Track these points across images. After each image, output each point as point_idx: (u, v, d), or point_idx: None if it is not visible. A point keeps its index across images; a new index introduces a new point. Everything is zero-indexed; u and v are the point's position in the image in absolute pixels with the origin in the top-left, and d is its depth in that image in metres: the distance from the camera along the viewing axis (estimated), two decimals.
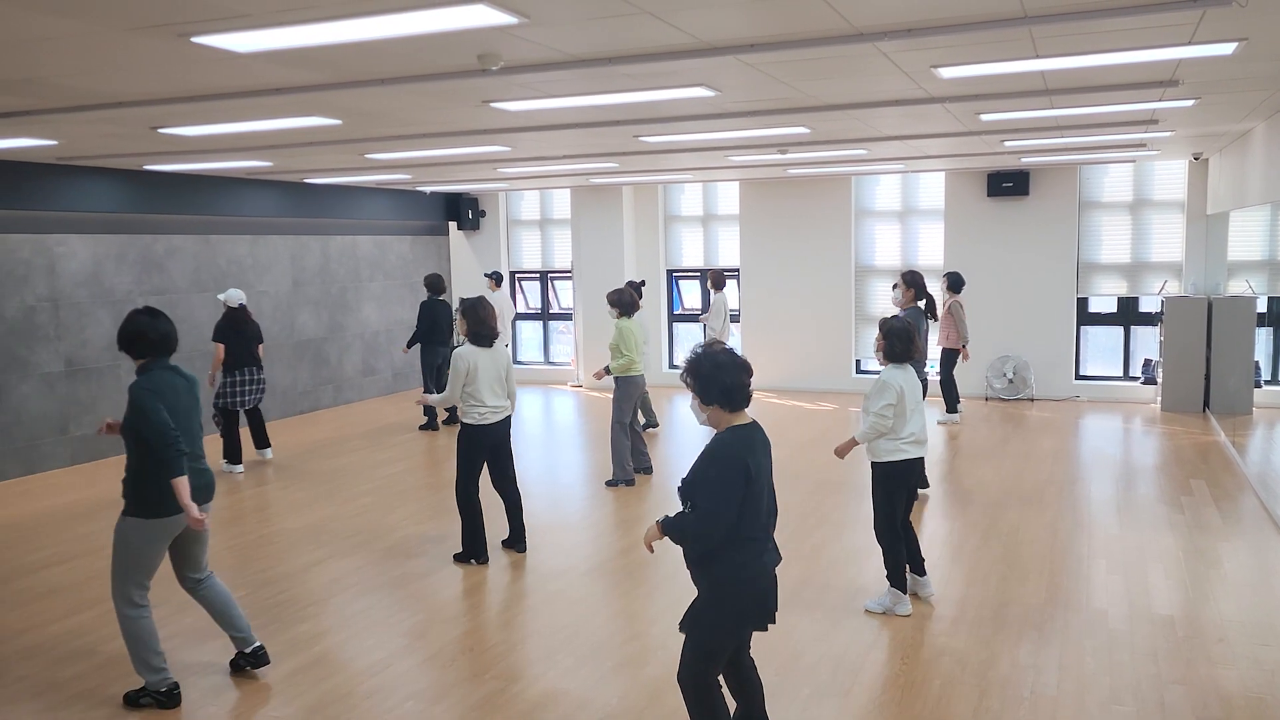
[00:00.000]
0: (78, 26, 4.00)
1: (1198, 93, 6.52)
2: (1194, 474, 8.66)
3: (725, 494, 3.44)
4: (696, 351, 3.62)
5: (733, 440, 3.53)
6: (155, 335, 4.50)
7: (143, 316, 4.54)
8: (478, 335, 6.40)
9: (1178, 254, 12.26)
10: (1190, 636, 5.15)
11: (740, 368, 3.58)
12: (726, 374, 3.54)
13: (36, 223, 9.55)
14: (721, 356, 3.59)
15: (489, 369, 6.38)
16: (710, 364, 3.55)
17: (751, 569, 3.54)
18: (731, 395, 3.54)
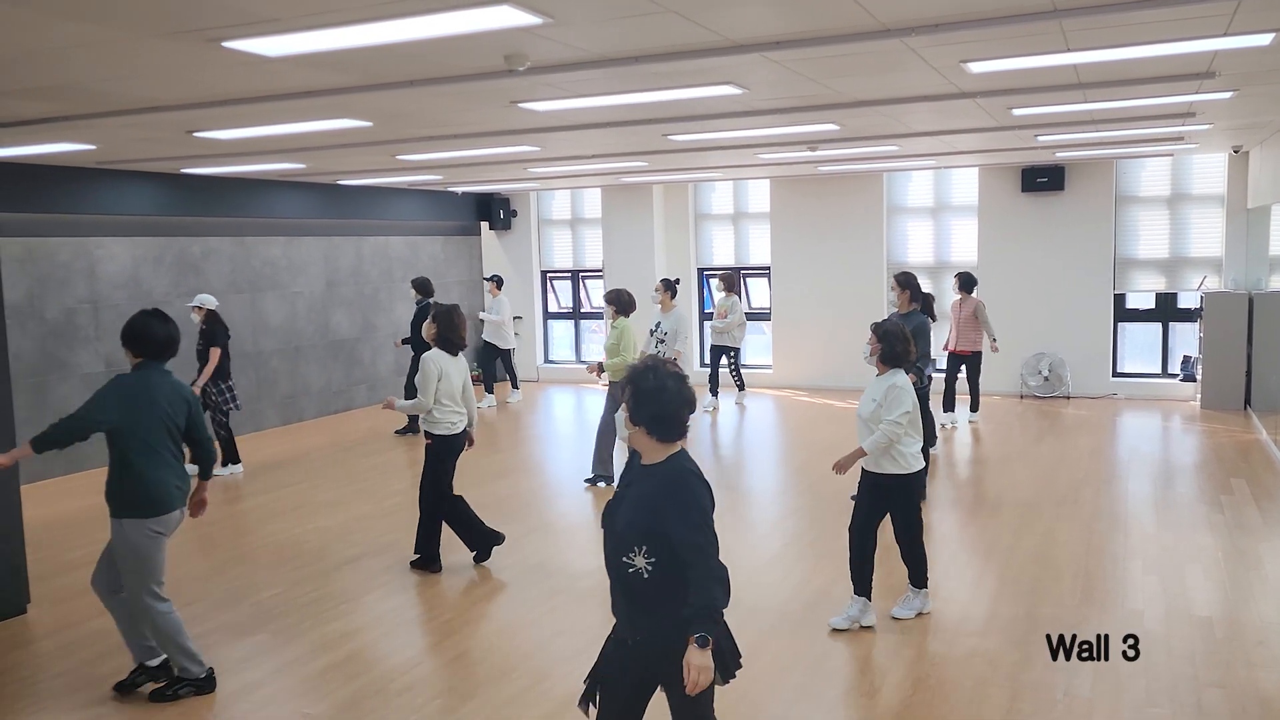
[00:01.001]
0: (111, 33, 4.06)
1: (1235, 85, 6.40)
2: (1234, 473, 8.51)
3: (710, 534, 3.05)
4: (643, 371, 3.13)
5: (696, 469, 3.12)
6: (159, 338, 4.58)
7: (151, 319, 4.60)
8: (447, 341, 6.28)
9: (1217, 249, 12.05)
10: (1229, 638, 5.06)
11: (683, 401, 3.09)
12: (666, 402, 3.06)
13: (76, 226, 9.72)
14: (669, 382, 3.08)
15: (455, 377, 6.29)
16: (654, 388, 3.07)
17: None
18: (665, 425, 3.07)
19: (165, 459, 4.56)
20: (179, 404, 4.63)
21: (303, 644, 5.30)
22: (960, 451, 9.83)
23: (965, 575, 6.11)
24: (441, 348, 6.30)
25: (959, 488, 8.49)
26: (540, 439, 11.11)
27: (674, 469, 3.08)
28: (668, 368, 3.16)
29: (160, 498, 4.53)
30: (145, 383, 4.55)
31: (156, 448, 4.54)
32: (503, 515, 7.72)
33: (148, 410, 4.51)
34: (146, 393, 4.52)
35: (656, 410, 3.06)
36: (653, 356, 3.31)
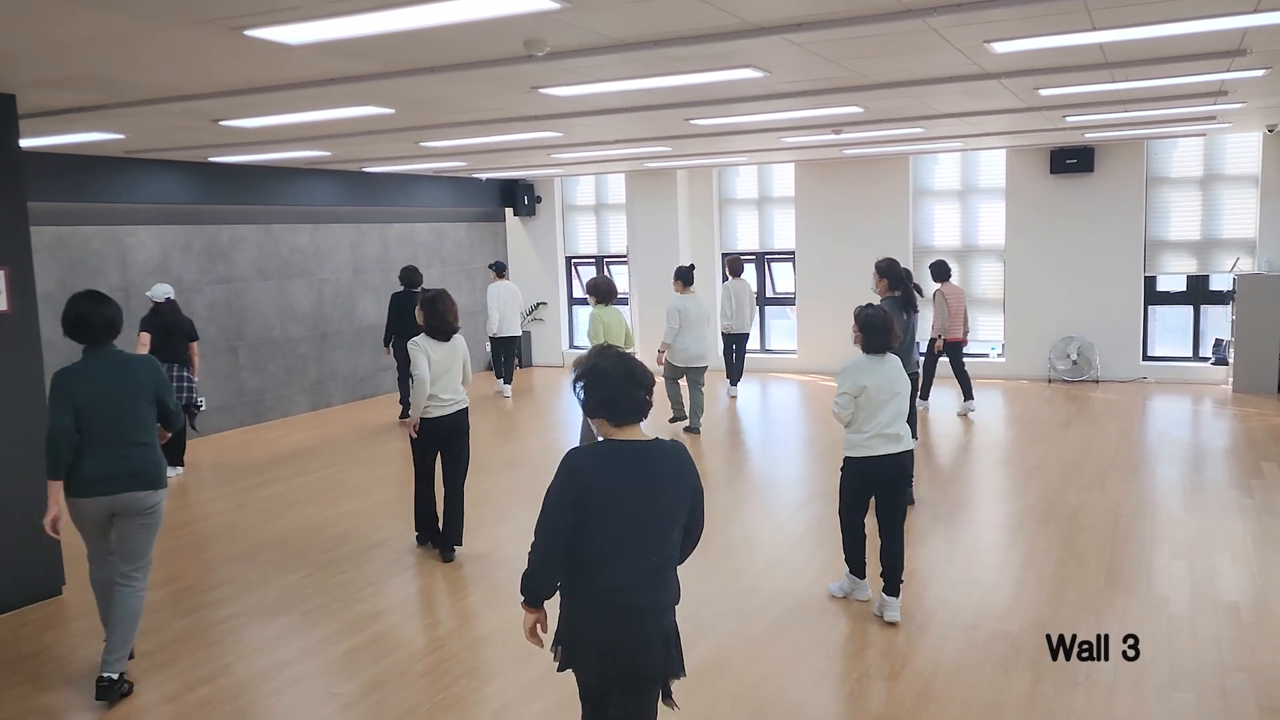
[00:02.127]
0: (136, 23, 4.11)
1: (1268, 62, 6.29)
2: (1265, 457, 8.41)
3: (547, 516, 2.95)
4: (588, 356, 3.08)
5: (578, 456, 2.96)
6: (97, 321, 4.43)
7: (84, 301, 4.45)
8: (434, 330, 6.21)
9: (1250, 230, 11.86)
10: (1257, 623, 5.01)
11: (626, 377, 2.98)
12: (608, 385, 2.97)
13: (107, 215, 9.85)
14: (608, 364, 3.00)
15: (443, 362, 6.21)
16: (594, 372, 3.00)
17: (584, 602, 2.98)
18: (613, 408, 2.97)
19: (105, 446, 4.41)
20: (136, 388, 4.48)
21: (330, 625, 5.38)
22: (985, 434, 9.78)
23: (989, 559, 6.09)
24: (430, 335, 6.21)
25: (983, 471, 8.44)
26: (562, 424, 11.15)
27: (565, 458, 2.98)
28: (609, 352, 3.06)
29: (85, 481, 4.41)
30: (92, 372, 4.42)
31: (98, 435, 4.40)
32: (523, 501, 7.79)
33: (94, 399, 4.37)
34: (92, 382, 4.39)
35: (602, 396, 2.98)
36: (600, 345, 3.17)
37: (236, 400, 11.18)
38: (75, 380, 4.38)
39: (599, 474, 2.93)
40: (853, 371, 5.15)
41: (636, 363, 3.05)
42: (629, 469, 2.95)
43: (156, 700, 4.56)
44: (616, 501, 2.92)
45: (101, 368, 4.44)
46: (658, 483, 2.99)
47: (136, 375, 4.50)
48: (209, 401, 10.79)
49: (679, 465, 3.05)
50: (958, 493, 7.68)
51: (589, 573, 2.96)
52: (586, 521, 2.91)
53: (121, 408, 4.44)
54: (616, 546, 2.94)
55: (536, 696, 4.47)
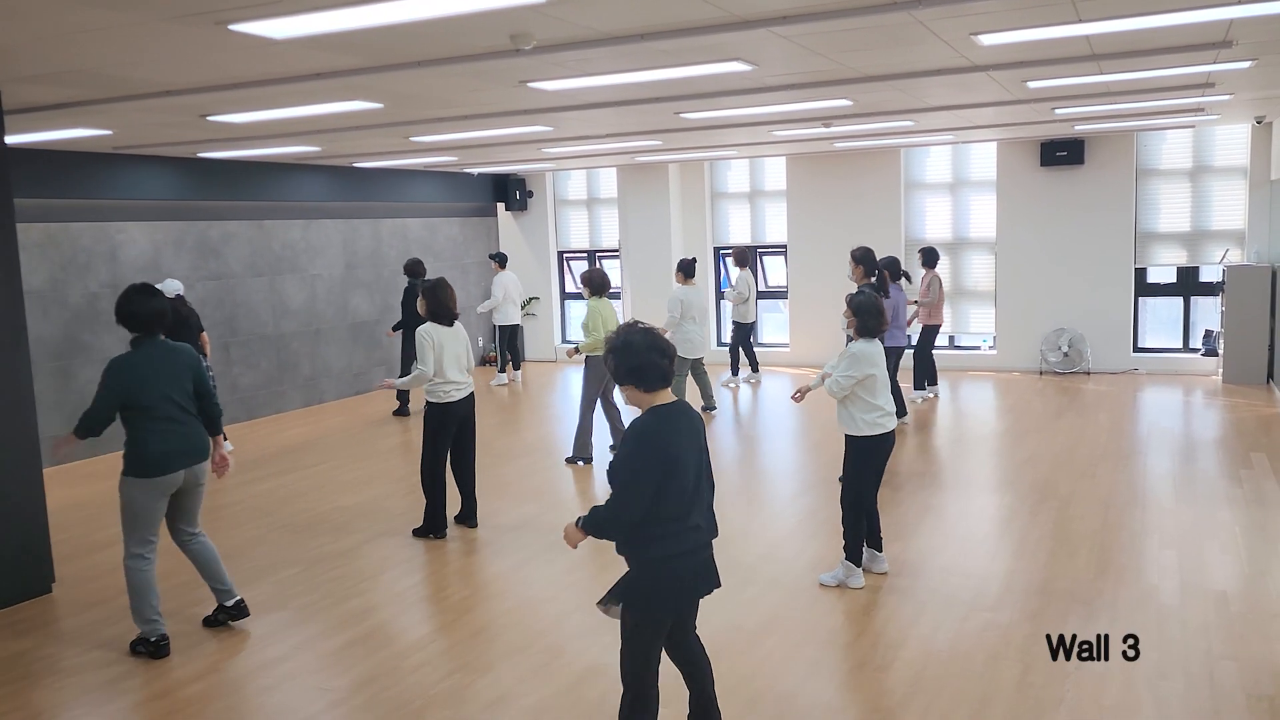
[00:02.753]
0: (120, 18, 4.10)
1: (1254, 54, 6.30)
2: (1254, 447, 8.44)
3: (638, 478, 3.38)
4: (616, 331, 3.54)
5: (651, 423, 3.43)
6: (147, 313, 4.84)
7: (136, 295, 4.86)
8: (437, 315, 6.54)
9: (1240, 221, 11.90)
10: (1245, 612, 5.04)
11: (650, 348, 3.43)
12: (635, 354, 3.41)
13: (97, 211, 9.82)
14: (633, 336, 3.46)
15: (451, 347, 6.55)
16: (622, 344, 3.45)
17: (675, 549, 3.47)
18: (642, 374, 3.42)
19: (166, 426, 4.83)
20: (181, 372, 4.90)
21: (323, 621, 5.39)
22: (976, 427, 9.80)
23: (980, 550, 6.11)
24: (434, 321, 6.54)
25: (975, 463, 8.46)
26: (557, 418, 11.16)
27: (635, 425, 3.45)
28: (635, 326, 3.52)
29: (160, 460, 4.83)
30: (142, 359, 4.83)
31: (155, 416, 4.81)
32: (520, 493, 7.79)
33: (145, 384, 4.79)
34: (143, 368, 4.81)
35: (632, 364, 3.41)
36: (628, 322, 3.61)
37: (229, 397, 11.16)
38: (126, 368, 4.79)
39: (667, 434, 3.43)
40: (864, 359, 5.40)
41: (660, 336, 3.50)
42: (682, 426, 3.48)
43: (147, 697, 4.56)
44: (681, 454, 3.43)
45: (149, 356, 4.85)
46: (699, 434, 3.56)
47: (180, 362, 4.93)
48: None
49: (699, 420, 3.62)
50: (949, 484, 7.70)
51: (675, 520, 3.45)
52: (671, 480, 3.40)
53: (171, 390, 4.86)
54: (690, 493, 3.47)
55: (529, 690, 4.48)
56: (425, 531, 6.80)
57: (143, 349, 4.86)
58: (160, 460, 4.83)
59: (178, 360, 4.93)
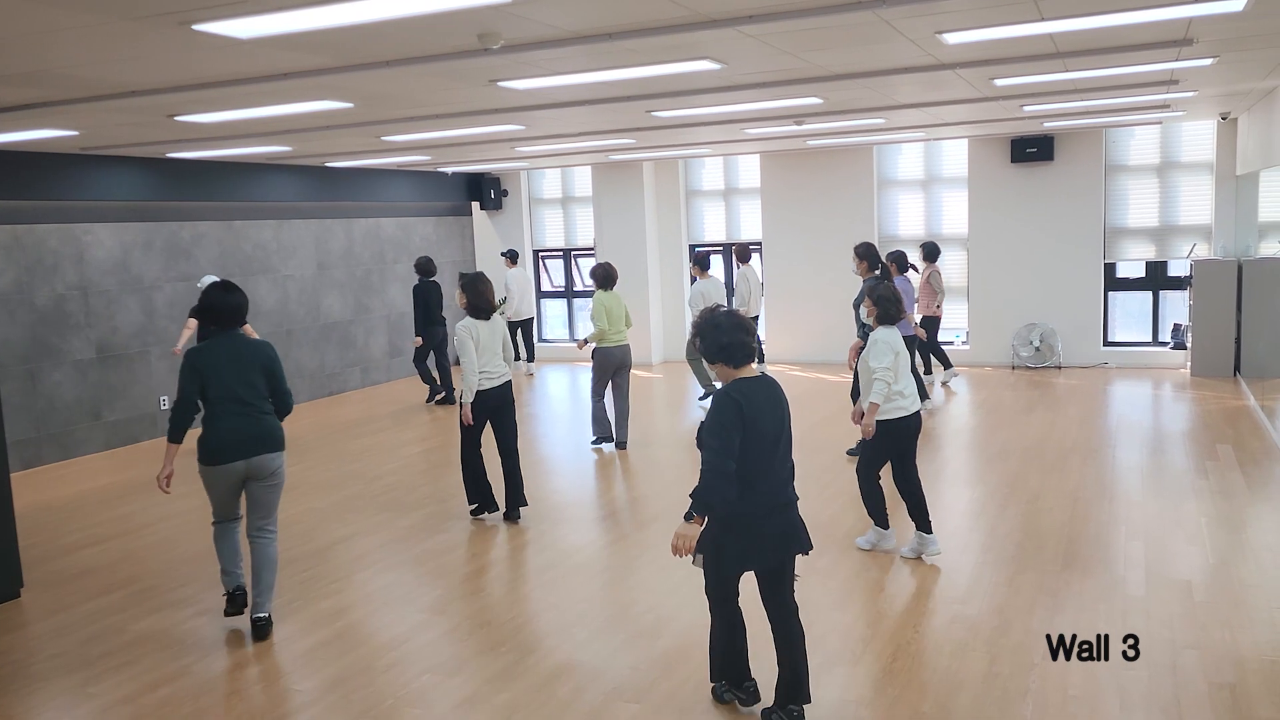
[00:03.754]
0: (83, 18, 4.07)
1: (1215, 51, 6.39)
2: (1221, 439, 8.56)
3: (725, 433, 3.72)
4: (701, 315, 3.96)
5: (733, 389, 3.81)
6: (225, 309, 5.11)
7: (215, 291, 5.14)
8: (476, 308, 6.79)
9: (1207, 216, 12.06)
10: (1208, 602, 5.12)
11: (736, 327, 3.85)
12: (723, 334, 3.83)
13: (63, 212, 9.73)
14: (720, 318, 3.89)
15: (489, 339, 6.78)
16: (709, 325, 3.88)
17: (743, 510, 3.83)
18: (730, 352, 3.84)
19: (231, 417, 5.02)
20: (249, 365, 5.08)
21: (294, 622, 5.37)
22: (949, 421, 9.88)
23: (950, 544, 6.16)
24: (473, 315, 6.78)
25: (946, 457, 8.53)
26: (532, 418, 11.16)
27: (717, 395, 3.84)
28: (720, 309, 3.94)
29: (217, 449, 5.02)
30: (213, 350, 5.07)
31: (223, 407, 5.02)
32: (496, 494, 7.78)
33: (215, 374, 5.01)
34: (213, 359, 5.03)
35: (722, 343, 3.84)
36: (710, 305, 4.02)
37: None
38: (201, 356, 5.03)
39: (749, 404, 3.77)
40: (888, 342, 5.76)
41: (742, 316, 3.92)
42: (763, 397, 3.84)
43: (115, 701, 4.53)
44: (761, 423, 3.79)
45: (224, 347, 5.07)
46: (781, 406, 3.91)
47: (250, 356, 5.10)
48: (170, 400, 10.71)
49: (782, 392, 3.96)
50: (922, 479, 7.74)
51: (757, 481, 3.82)
52: (746, 441, 3.75)
53: (241, 380, 5.04)
54: (766, 459, 3.82)
55: (500, 689, 4.49)
56: (479, 511, 7.15)
57: (213, 342, 5.09)
58: (215, 451, 5.01)
59: (248, 354, 5.09)
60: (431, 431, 10.42)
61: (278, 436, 5.15)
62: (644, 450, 9.16)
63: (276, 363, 5.17)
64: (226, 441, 5.00)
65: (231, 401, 5.00)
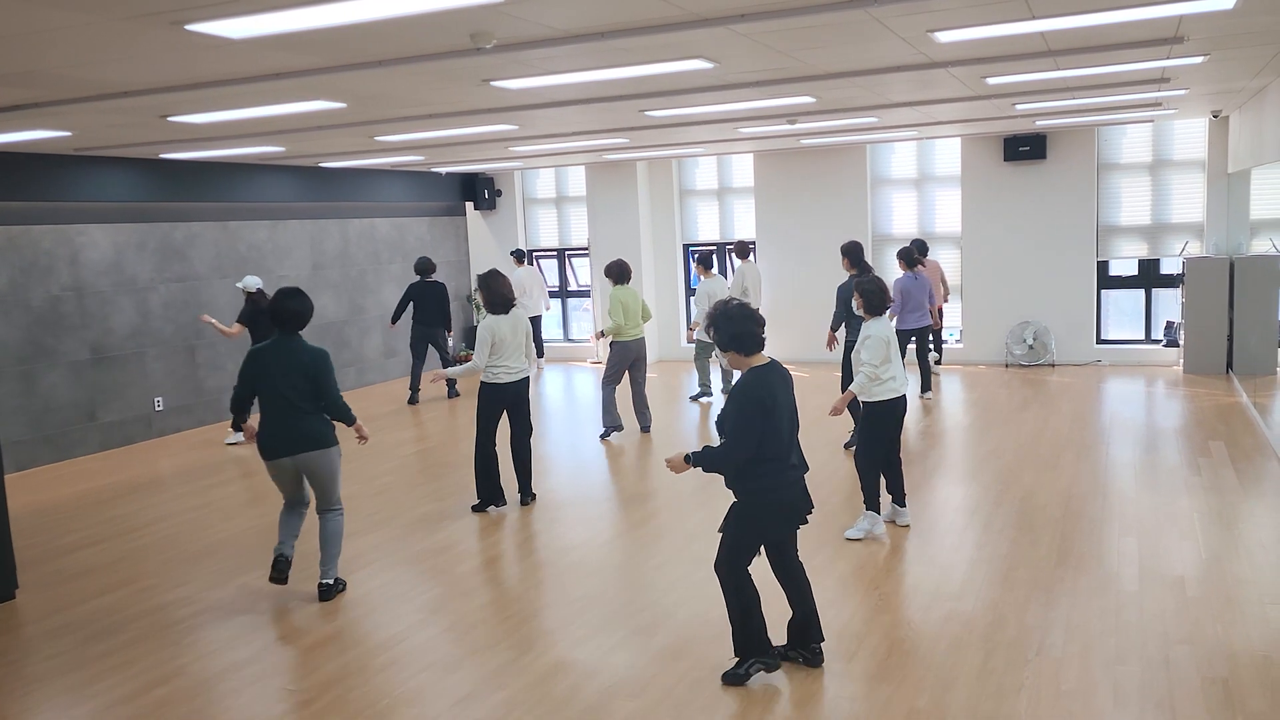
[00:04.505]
0: (75, 18, 4.07)
1: (1206, 49, 6.42)
2: (1213, 436, 8.60)
3: (745, 427, 4.14)
4: (714, 307, 4.28)
5: (751, 379, 4.19)
6: (284, 313, 5.48)
7: (279, 297, 5.51)
8: (493, 304, 6.97)
9: (1199, 214, 12.10)
10: (1200, 597, 5.14)
11: (747, 318, 4.21)
12: (735, 324, 4.20)
13: (57, 214, 9.71)
14: (732, 310, 4.23)
15: (510, 335, 6.96)
16: (722, 316, 4.23)
17: (773, 483, 4.27)
18: (742, 341, 4.20)
19: (277, 416, 5.44)
20: (293, 368, 5.42)
21: (289, 622, 5.38)
22: (943, 419, 9.91)
23: (944, 541, 6.19)
24: (490, 311, 6.98)
25: (940, 454, 8.56)
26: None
27: (738, 383, 4.24)
28: (733, 301, 4.28)
29: (263, 445, 5.49)
30: (265, 352, 5.48)
31: (272, 405, 5.44)
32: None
33: (263, 375, 5.44)
34: (263, 360, 5.46)
35: (734, 332, 4.20)
36: (723, 298, 4.38)
37: (195, 400, 11.08)
38: (256, 357, 5.50)
39: (768, 388, 4.18)
40: (878, 334, 6.10)
41: (752, 308, 4.28)
42: (775, 380, 4.24)
43: (113, 701, 4.53)
44: (779, 405, 4.19)
45: (267, 351, 5.48)
46: (789, 386, 4.33)
47: (294, 360, 5.45)
48: (165, 401, 10.70)
49: (788, 373, 4.37)
50: (916, 477, 7.78)
51: (777, 458, 4.23)
52: (771, 425, 4.17)
53: (281, 384, 5.40)
54: (786, 436, 4.26)
55: (497, 687, 4.50)
56: (482, 506, 7.29)
57: (269, 344, 5.50)
58: (263, 446, 5.49)
59: (292, 358, 5.44)
60: (428, 432, 10.42)
61: (315, 435, 5.48)
62: (639, 448, 9.18)
63: (320, 367, 5.48)
64: (268, 439, 5.45)
65: (277, 402, 5.42)
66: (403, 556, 6.41)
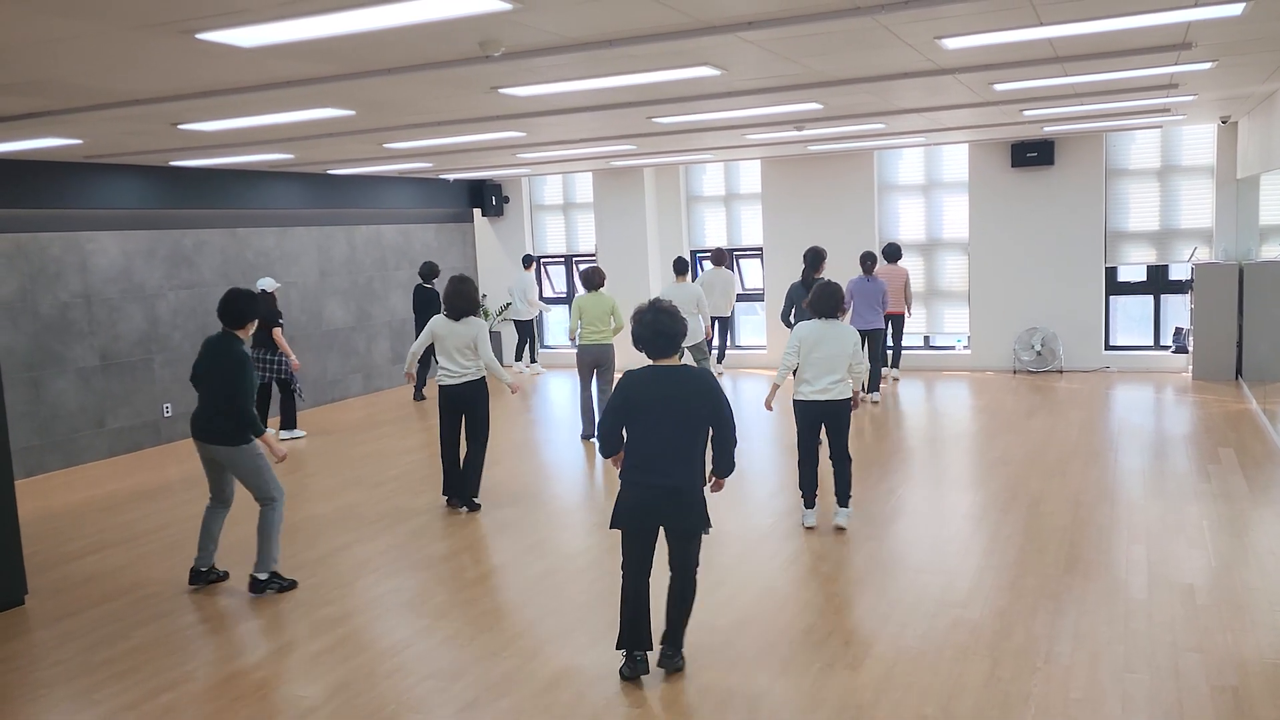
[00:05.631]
0: (87, 27, 4.09)
1: (1214, 55, 6.41)
2: (1223, 442, 8.56)
3: (606, 416, 4.48)
4: (635, 310, 4.51)
5: (625, 377, 4.46)
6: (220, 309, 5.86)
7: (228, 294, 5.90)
8: (448, 307, 7.27)
9: (1207, 220, 12.06)
10: (1210, 605, 5.12)
11: (648, 325, 4.40)
12: (638, 328, 4.44)
13: (67, 221, 9.76)
14: (643, 314, 4.44)
15: (452, 339, 7.22)
16: (635, 318, 4.47)
17: (624, 481, 4.44)
18: (644, 345, 4.45)
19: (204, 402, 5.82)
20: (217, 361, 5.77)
21: (297, 628, 5.38)
22: (950, 425, 9.88)
23: (951, 547, 6.17)
24: (446, 314, 7.27)
25: (948, 461, 8.54)
26: (535, 423, 11.17)
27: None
28: (651, 306, 4.43)
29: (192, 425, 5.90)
30: (207, 344, 5.89)
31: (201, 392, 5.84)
32: (499, 499, 7.80)
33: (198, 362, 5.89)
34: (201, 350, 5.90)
35: (636, 335, 4.44)
36: (652, 300, 4.50)
37: None
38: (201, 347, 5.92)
39: (637, 388, 4.39)
40: (794, 331, 6.51)
41: (666, 315, 4.39)
42: (656, 386, 4.38)
43: (118, 708, 4.54)
44: (642, 402, 4.36)
45: (209, 347, 5.86)
46: (679, 396, 4.35)
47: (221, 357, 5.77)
48: (174, 408, 10.73)
49: (700, 385, 4.39)
50: (922, 484, 7.77)
51: (628, 457, 4.42)
52: (628, 421, 4.39)
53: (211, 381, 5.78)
54: (643, 437, 4.36)
55: (502, 694, 4.49)
56: (450, 500, 7.62)
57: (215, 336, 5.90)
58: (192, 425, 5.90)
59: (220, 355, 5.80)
60: (434, 438, 10.43)
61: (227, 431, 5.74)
62: None
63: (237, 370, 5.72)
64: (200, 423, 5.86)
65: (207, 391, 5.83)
66: (408, 563, 6.41)
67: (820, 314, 6.40)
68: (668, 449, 4.33)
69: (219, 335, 5.82)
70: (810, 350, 6.38)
